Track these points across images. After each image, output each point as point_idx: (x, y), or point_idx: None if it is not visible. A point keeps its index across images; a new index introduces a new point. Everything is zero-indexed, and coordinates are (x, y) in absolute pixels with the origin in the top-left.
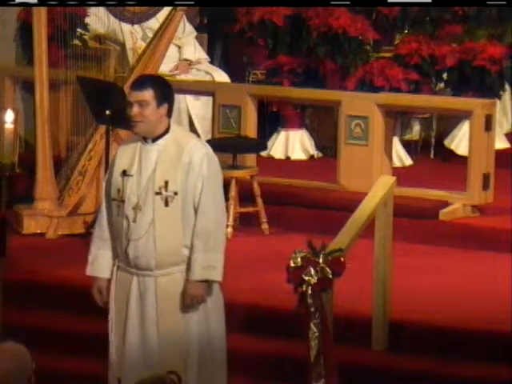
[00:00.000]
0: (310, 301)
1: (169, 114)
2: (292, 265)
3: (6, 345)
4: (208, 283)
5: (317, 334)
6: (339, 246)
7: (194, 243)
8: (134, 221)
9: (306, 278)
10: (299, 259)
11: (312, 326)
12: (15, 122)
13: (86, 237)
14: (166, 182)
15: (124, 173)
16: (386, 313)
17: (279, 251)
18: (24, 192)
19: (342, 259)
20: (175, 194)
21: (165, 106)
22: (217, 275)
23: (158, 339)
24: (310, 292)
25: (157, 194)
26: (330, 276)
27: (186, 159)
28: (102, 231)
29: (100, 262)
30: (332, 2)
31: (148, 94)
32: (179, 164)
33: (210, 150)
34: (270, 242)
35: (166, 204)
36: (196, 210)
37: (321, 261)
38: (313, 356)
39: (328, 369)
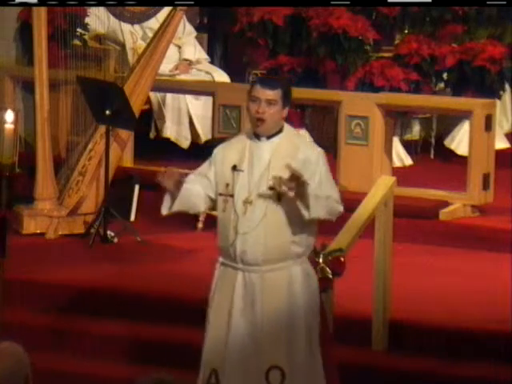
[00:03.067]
0: None
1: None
2: None
3: (4, 345)
4: None
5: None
6: (339, 246)
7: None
8: (245, 214)
9: None
10: None
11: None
12: (15, 122)
13: (85, 237)
14: (280, 179)
15: (234, 168)
16: (386, 313)
17: None
18: (24, 192)
19: (342, 259)
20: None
21: (286, 109)
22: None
23: (262, 333)
24: None
25: (270, 189)
26: (330, 276)
27: (301, 156)
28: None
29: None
30: (332, 2)
31: (278, 94)
32: (294, 161)
33: (321, 149)
34: None
35: (279, 199)
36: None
37: (321, 261)
38: None
39: (328, 369)
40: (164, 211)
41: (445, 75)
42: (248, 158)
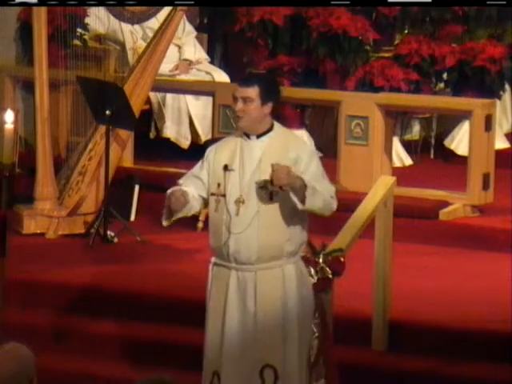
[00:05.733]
0: None
1: (273, 113)
2: None
3: (8, 346)
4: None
5: (317, 334)
6: (339, 246)
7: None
8: (237, 214)
9: None
10: None
11: (312, 326)
12: (15, 122)
13: (86, 237)
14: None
15: (225, 167)
16: (386, 313)
17: None
18: (24, 192)
19: (342, 259)
20: (280, 188)
21: (269, 105)
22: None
23: (256, 332)
24: None
25: (261, 188)
26: (330, 276)
27: (291, 155)
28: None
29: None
30: (332, 2)
31: (253, 92)
32: (285, 159)
33: (314, 147)
34: None
35: (271, 198)
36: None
37: (321, 261)
38: (313, 356)
39: (328, 369)
40: (165, 223)
41: (445, 75)
42: (239, 157)
